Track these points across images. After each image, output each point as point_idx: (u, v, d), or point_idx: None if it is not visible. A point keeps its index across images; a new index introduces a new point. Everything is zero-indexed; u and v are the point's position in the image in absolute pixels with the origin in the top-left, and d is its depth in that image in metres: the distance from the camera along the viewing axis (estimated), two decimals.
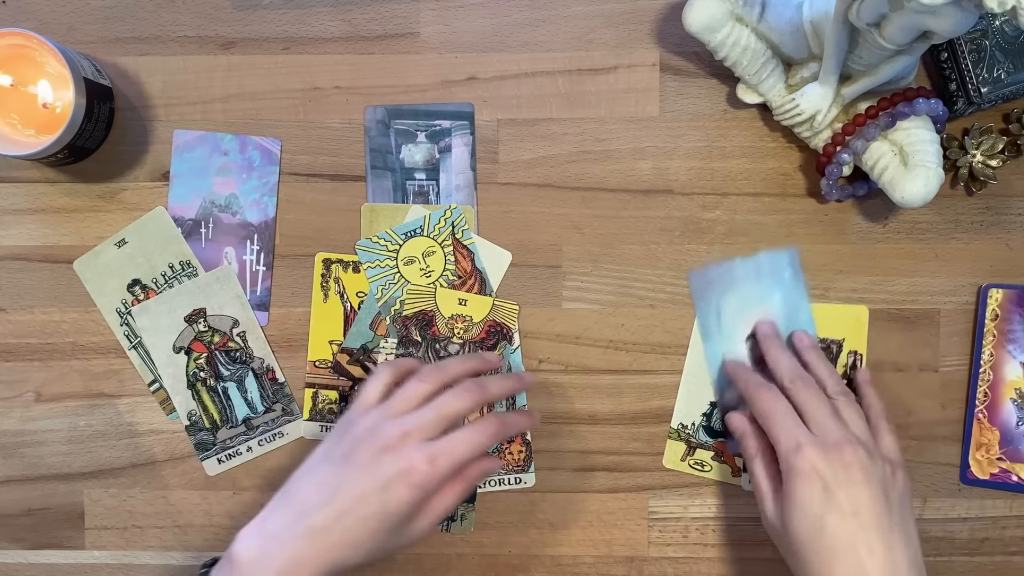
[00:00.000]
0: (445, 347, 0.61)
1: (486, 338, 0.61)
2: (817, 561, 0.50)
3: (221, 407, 0.62)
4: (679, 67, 0.62)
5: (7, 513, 0.63)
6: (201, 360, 0.62)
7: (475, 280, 0.61)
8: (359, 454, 0.50)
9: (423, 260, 0.61)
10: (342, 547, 0.48)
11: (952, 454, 0.62)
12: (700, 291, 0.55)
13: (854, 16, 0.51)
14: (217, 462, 0.62)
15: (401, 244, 0.61)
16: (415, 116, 0.61)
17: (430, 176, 0.61)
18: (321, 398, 0.62)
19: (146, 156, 0.62)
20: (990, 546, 0.62)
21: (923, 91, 0.56)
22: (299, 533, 0.48)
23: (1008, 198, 0.61)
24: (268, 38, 0.62)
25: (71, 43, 0.61)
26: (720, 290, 0.54)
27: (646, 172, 0.62)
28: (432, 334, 0.61)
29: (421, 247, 0.61)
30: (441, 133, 0.61)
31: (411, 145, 0.61)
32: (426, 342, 0.61)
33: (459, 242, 0.61)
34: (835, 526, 0.49)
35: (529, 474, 0.62)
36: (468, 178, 0.61)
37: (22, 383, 0.63)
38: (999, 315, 0.61)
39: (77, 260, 0.62)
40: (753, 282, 0.55)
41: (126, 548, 0.63)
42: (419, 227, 0.61)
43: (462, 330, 0.61)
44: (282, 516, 0.49)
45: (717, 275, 0.54)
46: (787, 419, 0.53)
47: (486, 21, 0.62)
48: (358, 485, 0.49)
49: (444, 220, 0.61)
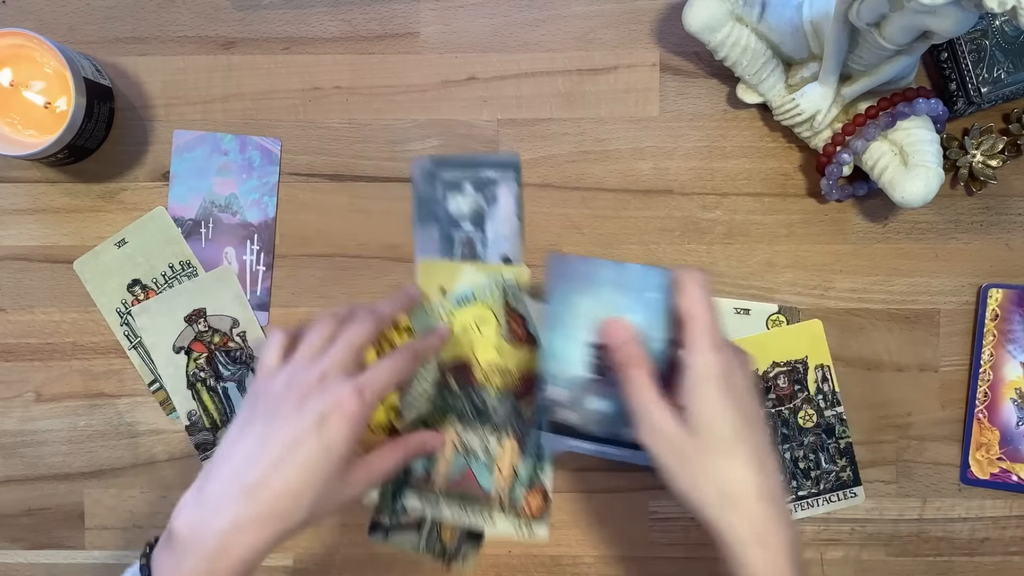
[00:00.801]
0: (481, 397, 0.61)
1: (521, 387, 0.61)
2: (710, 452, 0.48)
3: (221, 407, 0.62)
4: (679, 67, 0.62)
5: (7, 513, 0.63)
6: (201, 360, 0.62)
7: (528, 345, 0.61)
8: (282, 408, 0.49)
9: (477, 328, 0.61)
10: (283, 499, 0.47)
11: (952, 454, 0.62)
12: (557, 278, 0.50)
13: (854, 16, 0.51)
14: None
15: (454, 312, 0.61)
16: (461, 166, 0.61)
17: (476, 226, 0.61)
18: None
19: (146, 156, 0.62)
20: (990, 546, 0.62)
21: (923, 91, 0.56)
22: (234, 496, 0.47)
23: (1008, 198, 0.61)
24: (268, 38, 0.62)
25: (71, 43, 0.61)
26: (578, 286, 0.50)
27: (646, 172, 0.62)
28: (469, 382, 0.61)
29: (474, 315, 0.61)
30: (487, 183, 0.61)
31: (458, 195, 0.61)
32: (463, 390, 0.61)
33: (512, 309, 0.61)
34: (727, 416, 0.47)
35: (542, 526, 0.61)
36: (514, 227, 0.61)
37: (22, 383, 0.63)
38: (999, 315, 0.61)
39: (77, 260, 0.62)
40: (612, 290, 0.50)
41: (126, 548, 0.63)
42: (471, 294, 0.61)
43: (499, 381, 0.61)
44: (216, 483, 0.48)
45: (579, 269, 0.50)
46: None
47: (486, 21, 0.62)
48: (289, 432, 0.48)
49: (497, 286, 0.61)
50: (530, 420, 0.60)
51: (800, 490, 0.62)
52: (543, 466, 0.61)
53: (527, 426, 0.61)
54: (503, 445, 0.61)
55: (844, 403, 0.61)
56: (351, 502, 0.51)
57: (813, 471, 0.62)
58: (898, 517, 0.62)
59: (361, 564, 0.62)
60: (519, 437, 0.61)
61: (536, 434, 0.60)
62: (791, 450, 0.62)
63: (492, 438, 0.60)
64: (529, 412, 0.61)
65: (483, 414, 0.61)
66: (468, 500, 0.60)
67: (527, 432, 0.61)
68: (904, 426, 0.62)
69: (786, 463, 0.62)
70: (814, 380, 0.62)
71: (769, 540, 0.46)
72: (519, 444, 0.61)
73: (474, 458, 0.61)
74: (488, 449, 0.60)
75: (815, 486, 0.62)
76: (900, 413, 0.62)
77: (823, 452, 0.62)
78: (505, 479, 0.60)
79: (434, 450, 0.59)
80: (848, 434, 0.61)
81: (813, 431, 0.62)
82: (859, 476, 0.62)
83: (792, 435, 0.62)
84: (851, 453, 0.61)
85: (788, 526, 0.47)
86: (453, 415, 0.61)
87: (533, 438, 0.61)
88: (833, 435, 0.61)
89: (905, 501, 0.62)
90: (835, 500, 0.62)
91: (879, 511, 0.62)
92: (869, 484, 0.62)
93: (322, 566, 0.63)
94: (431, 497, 0.60)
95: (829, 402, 0.61)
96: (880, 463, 0.62)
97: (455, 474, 0.60)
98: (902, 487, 0.62)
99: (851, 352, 0.62)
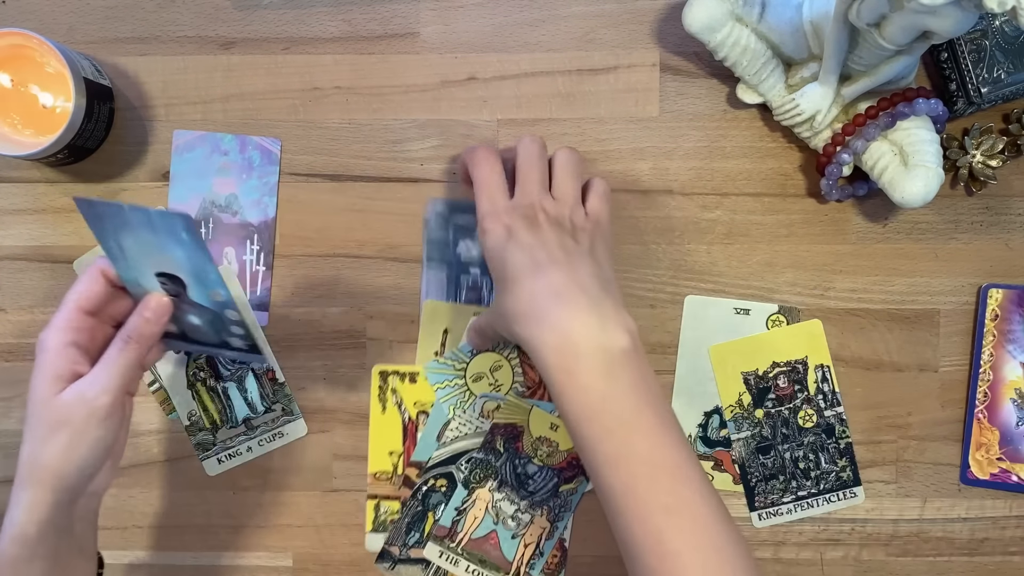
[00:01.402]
0: (524, 466, 0.61)
1: (566, 468, 0.61)
2: (502, 293, 0.51)
3: (221, 407, 0.62)
4: (679, 67, 0.62)
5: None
6: (201, 360, 0.62)
7: (543, 389, 0.61)
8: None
9: (491, 375, 0.61)
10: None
11: (952, 454, 0.62)
12: (92, 220, 0.49)
13: (854, 16, 0.51)
14: (217, 462, 0.62)
15: (468, 362, 0.61)
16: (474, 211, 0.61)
17: (484, 271, 0.61)
18: (383, 509, 0.62)
19: (146, 156, 0.62)
20: (990, 546, 0.62)
21: (923, 91, 0.56)
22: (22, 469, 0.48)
23: (1008, 198, 0.61)
24: (268, 38, 0.62)
25: (71, 43, 0.61)
26: (114, 227, 0.49)
27: (646, 172, 0.62)
28: (516, 448, 0.61)
29: (488, 363, 0.61)
30: None
31: (469, 240, 0.61)
32: (508, 454, 0.61)
33: (524, 353, 0.61)
34: (516, 254, 0.50)
35: None
36: None
37: (22, 383, 0.62)
38: (999, 315, 0.61)
39: (77, 260, 0.62)
40: (149, 231, 0.49)
41: (126, 548, 0.63)
42: None
43: (545, 454, 0.61)
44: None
45: (106, 212, 0.48)
46: (493, 188, 0.53)
47: (486, 21, 0.62)
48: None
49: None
50: (567, 504, 0.61)
51: (800, 490, 0.62)
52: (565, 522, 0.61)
53: (563, 510, 0.61)
54: (535, 520, 0.61)
55: (844, 403, 0.62)
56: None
57: (813, 471, 0.62)
58: (898, 517, 0.62)
59: (361, 564, 0.62)
60: (552, 518, 0.61)
61: (567, 516, 0.61)
62: (791, 450, 0.62)
63: (526, 510, 0.61)
64: (568, 495, 0.61)
65: (523, 483, 0.61)
66: (487, 563, 0.60)
67: (562, 516, 0.61)
68: (904, 426, 0.62)
69: (786, 463, 0.62)
70: (814, 380, 0.62)
71: (565, 347, 0.48)
72: (550, 525, 0.61)
73: (503, 523, 0.61)
74: (519, 519, 0.61)
75: (815, 486, 0.62)
76: (900, 413, 0.62)
77: (823, 452, 0.62)
78: (528, 553, 0.61)
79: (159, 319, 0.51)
80: (848, 434, 0.61)
81: (813, 431, 0.62)
82: (859, 476, 0.62)
83: (792, 435, 0.62)
84: (851, 453, 0.62)
85: (594, 324, 0.48)
86: (493, 476, 0.61)
87: (565, 521, 0.61)
88: (833, 435, 0.61)
89: (905, 501, 0.62)
90: (835, 500, 0.62)
91: (879, 511, 0.62)
92: (869, 484, 0.62)
93: (322, 566, 0.63)
94: (451, 549, 0.61)
95: (829, 402, 0.61)
96: (880, 463, 0.62)
97: (479, 532, 0.61)
98: (902, 487, 0.62)
99: (851, 352, 0.62)
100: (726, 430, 0.62)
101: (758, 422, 0.62)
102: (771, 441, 0.62)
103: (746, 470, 0.62)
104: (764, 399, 0.62)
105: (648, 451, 0.47)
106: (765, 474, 0.62)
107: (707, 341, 0.62)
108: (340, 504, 0.63)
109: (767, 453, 0.62)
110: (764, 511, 0.62)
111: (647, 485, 0.46)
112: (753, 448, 0.62)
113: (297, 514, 0.63)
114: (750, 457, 0.62)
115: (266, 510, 0.63)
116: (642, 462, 0.47)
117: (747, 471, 0.62)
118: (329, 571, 0.63)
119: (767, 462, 0.62)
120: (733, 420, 0.62)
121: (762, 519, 0.62)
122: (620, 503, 0.46)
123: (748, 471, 0.62)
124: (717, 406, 0.62)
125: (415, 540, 0.61)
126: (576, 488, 0.61)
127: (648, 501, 0.46)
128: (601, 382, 0.47)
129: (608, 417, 0.47)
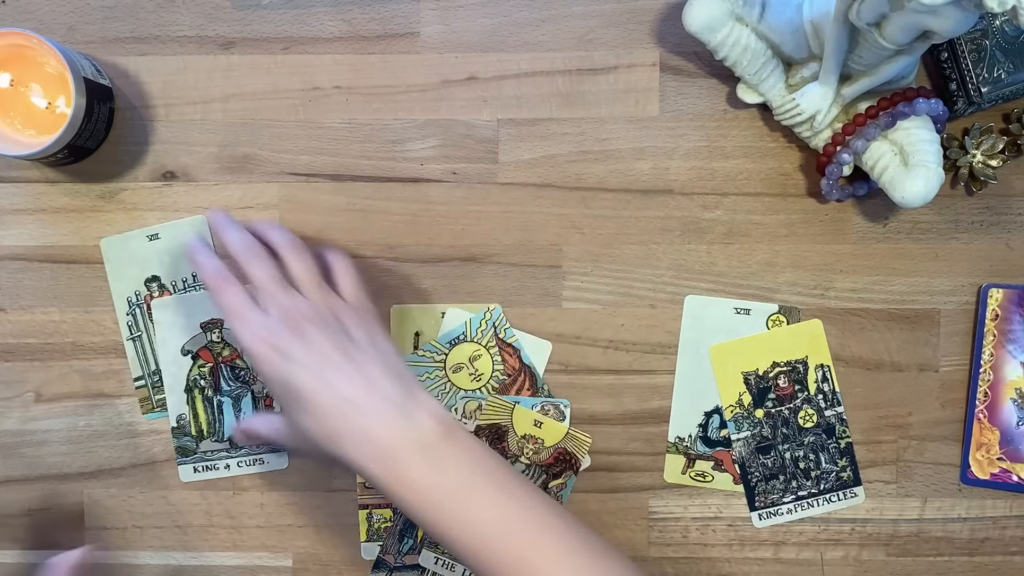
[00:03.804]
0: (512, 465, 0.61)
1: (553, 464, 0.61)
2: (297, 414, 0.50)
3: (211, 419, 0.62)
4: (679, 67, 0.62)
5: (7, 513, 0.63)
6: (205, 369, 0.62)
7: (524, 376, 0.61)
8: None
9: (471, 365, 0.61)
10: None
11: (952, 454, 0.62)
12: None
13: (854, 16, 0.51)
14: (193, 471, 0.62)
15: (447, 353, 0.61)
16: None
17: None
18: (376, 517, 0.62)
19: (146, 156, 0.62)
20: (990, 546, 0.62)
21: (923, 91, 0.56)
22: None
23: (1008, 198, 0.61)
24: (268, 38, 0.62)
25: (71, 43, 0.61)
26: None
27: (646, 172, 0.62)
28: (502, 449, 0.61)
29: (467, 353, 0.61)
30: None
31: None
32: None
33: (503, 341, 0.61)
34: (298, 375, 0.50)
35: None
36: None
37: (22, 383, 0.63)
38: (999, 315, 0.61)
39: (105, 239, 0.62)
40: None
41: (126, 548, 0.63)
42: (462, 333, 0.61)
43: (532, 451, 0.61)
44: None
45: None
46: (243, 311, 0.52)
47: (486, 21, 0.62)
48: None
49: (485, 322, 0.61)
50: (557, 499, 0.61)
51: (800, 490, 0.62)
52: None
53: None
54: None
55: (844, 403, 0.62)
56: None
57: (813, 471, 0.62)
58: (898, 517, 0.62)
59: (361, 564, 0.62)
60: None
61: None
62: (791, 450, 0.62)
63: None
64: (557, 491, 0.61)
65: None
66: None
67: None
68: (904, 426, 0.62)
69: (786, 463, 0.62)
70: (814, 380, 0.62)
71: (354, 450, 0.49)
72: None
73: None
74: None
75: (815, 486, 0.62)
76: (900, 413, 0.62)
77: (823, 452, 0.62)
78: None
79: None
80: (848, 434, 0.61)
81: (813, 431, 0.62)
82: (859, 476, 0.62)
83: (792, 435, 0.62)
84: (851, 453, 0.62)
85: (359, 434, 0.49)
86: None
87: None
88: (833, 435, 0.62)
89: (905, 501, 0.62)
90: (835, 500, 0.62)
91: (879, 511, 0.62)
92: (869, 484, 0.62)
93: (322, 566, 0.63)
94: (446, 555, 0.61)
95: (829, 402, 0.62)
96: (880, 463, 0.62)
97: None
98: (902, 487, 0.62)
99: (851, 352, 0.62)
100: (726, 430, 0.62)
101: (758, 422, 0.62)
102: (771, 441, 0.62)
103: (746, 470, 0.62)
104: (764, 399, 0.62)
105: (497, 515, 0.48)
106: (765, 474, 0.62)
107: (707, 341, 0.62)
108: (340, 504, 0.63)
109: (767, 453, 0.62)
110: (764, 511, 0.62)
111: (505, 545, 0.48)
112: (753, 448, 0.62)
113: (297, 514, 0.63)
114: (750, 457, 0.62)
115: (266, 510, 0.63)
116: (494, 526, 0.48)
117: (747, 471, 0.62)
118: (329, 571, 0.63)
119: (767, 462, 0.62)
120: (733, 420, 0.62)
121: (762, 519, 0.62)
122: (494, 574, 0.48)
123: (748, 471, 0.62)
124: (717, 406, 0.62)
125: (409, 547, 0.61)
126: (565, 483, 0.61)
127: (516, 559, 0.47)
128: (429, 472, 0.48)
129: (450, 501, 0.48)
